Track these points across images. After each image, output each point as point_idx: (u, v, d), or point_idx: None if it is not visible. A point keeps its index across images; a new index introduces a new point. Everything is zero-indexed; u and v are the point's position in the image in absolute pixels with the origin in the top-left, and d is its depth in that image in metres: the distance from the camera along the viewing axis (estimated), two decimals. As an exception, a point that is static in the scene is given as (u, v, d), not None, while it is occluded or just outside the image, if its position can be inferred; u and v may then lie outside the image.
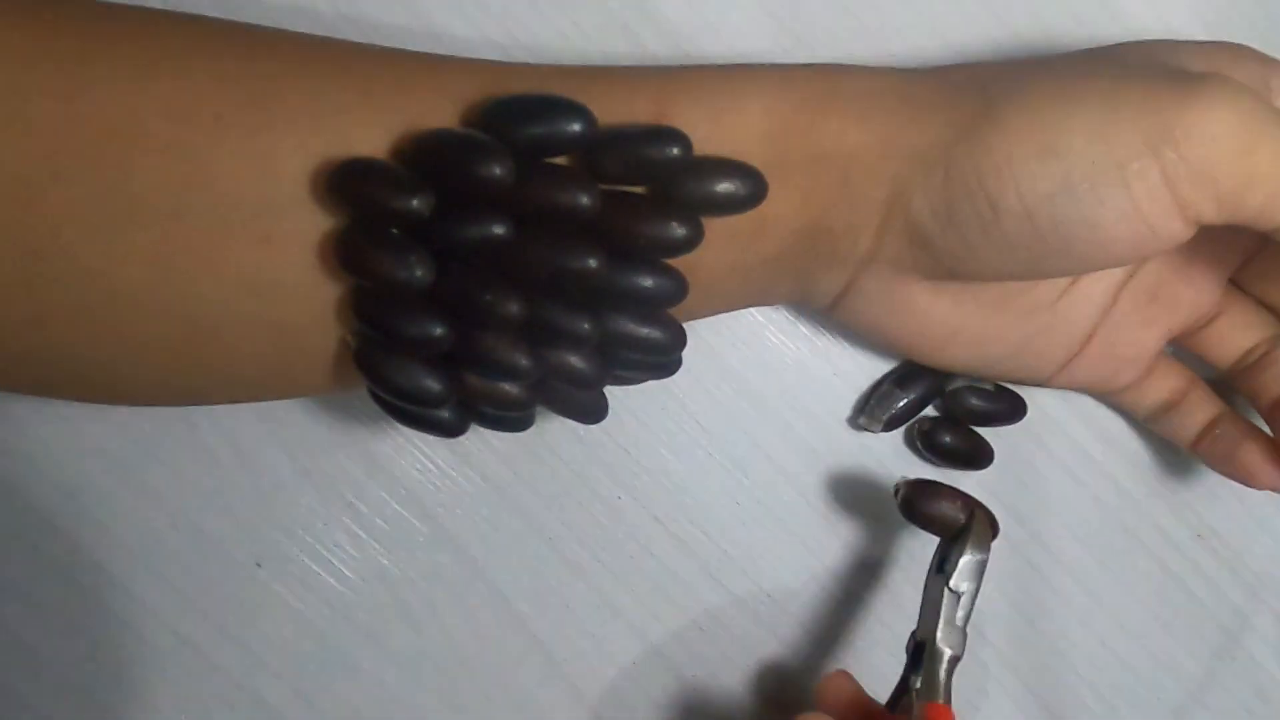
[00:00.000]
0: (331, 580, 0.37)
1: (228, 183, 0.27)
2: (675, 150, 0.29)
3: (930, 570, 0.34)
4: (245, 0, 0.35)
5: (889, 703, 0.34)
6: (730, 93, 0.30)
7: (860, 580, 0.40)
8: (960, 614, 0.33)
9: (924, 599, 0.34)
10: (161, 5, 0.30)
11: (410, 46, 0.31)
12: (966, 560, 0.33)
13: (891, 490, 0.37)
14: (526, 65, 0.31)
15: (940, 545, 0.34)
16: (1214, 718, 0.42)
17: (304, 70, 0.28)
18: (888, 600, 0.40)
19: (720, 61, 0.37)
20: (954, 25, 0.39)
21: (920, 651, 0.33)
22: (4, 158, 0.25)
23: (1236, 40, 0.33)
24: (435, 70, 0.30)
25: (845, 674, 0.35)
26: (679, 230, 0.29)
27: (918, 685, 0.33)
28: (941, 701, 0.32)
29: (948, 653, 0.32)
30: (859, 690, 0.35)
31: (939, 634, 0.32)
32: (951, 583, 0.33)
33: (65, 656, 0.36)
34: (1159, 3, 0.40)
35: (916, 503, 0.35)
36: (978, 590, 0.33)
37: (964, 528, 0.34)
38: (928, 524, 0.35)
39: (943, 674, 0.32)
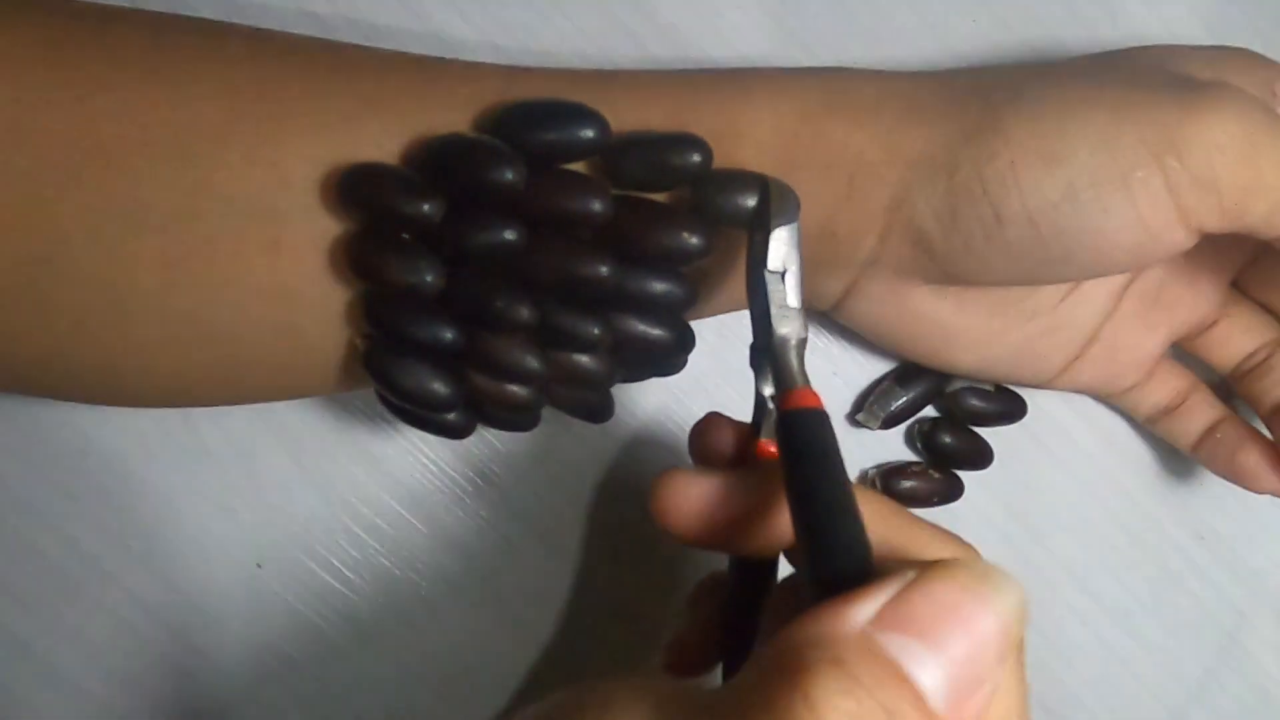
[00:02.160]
0: (331, 580, 0.37)
1: (236, 188, 0.27)
2: (696, 157, 0.29)
3: (749, 272, 0.28)
4: (248, 2, 0.34)
5: (751, 429, 0.29)
6: (743, 100, 0.30)
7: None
8: (791, 295, 0.27)
9: (751, 309, 0.28)
10: (165, 8, 0.30)
11: (412, 49, 0.31)
12: (777, 235, 0.28)
13: (870, 483, 0.39)
14: (539, 70, 0.31)
15: (750, 238, 0.29)
16: (1214, 718, 0.42)
17: (313, 75, 0.28)
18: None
19: (720, 62, 0.37)
20: (954, 26, 0.39)
21: (762, 357, 0.27)
22: (13, 165, 0.25)
23: (1237, 41, 0.33)
24: (447, 75, 0.30)
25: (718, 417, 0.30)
26: (691, 240, 0.29)
27: (769, 391, 0.27)
28: (800, 386, 0.26)
29: (791, 338, 0.27)
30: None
31: (775, 322, 0.27)
32: (770, 265, 0.27)
33: (64, 657, 0.36)
34: (1159, 3, 0.40)
35: (891, 484, 0.38)
36: (801, 263, 0.28)
37: (761, 204, 0.29)
38: (912, 502, 0.38)
39: (794, 360, 0.26)
